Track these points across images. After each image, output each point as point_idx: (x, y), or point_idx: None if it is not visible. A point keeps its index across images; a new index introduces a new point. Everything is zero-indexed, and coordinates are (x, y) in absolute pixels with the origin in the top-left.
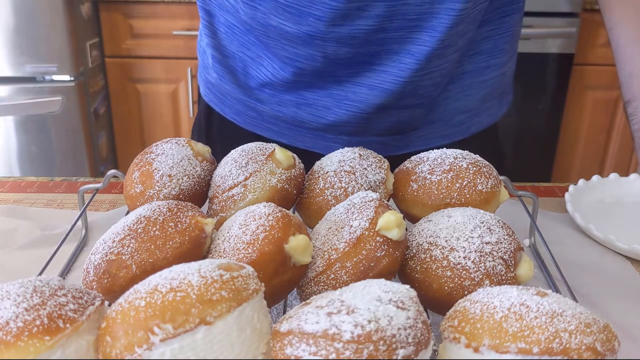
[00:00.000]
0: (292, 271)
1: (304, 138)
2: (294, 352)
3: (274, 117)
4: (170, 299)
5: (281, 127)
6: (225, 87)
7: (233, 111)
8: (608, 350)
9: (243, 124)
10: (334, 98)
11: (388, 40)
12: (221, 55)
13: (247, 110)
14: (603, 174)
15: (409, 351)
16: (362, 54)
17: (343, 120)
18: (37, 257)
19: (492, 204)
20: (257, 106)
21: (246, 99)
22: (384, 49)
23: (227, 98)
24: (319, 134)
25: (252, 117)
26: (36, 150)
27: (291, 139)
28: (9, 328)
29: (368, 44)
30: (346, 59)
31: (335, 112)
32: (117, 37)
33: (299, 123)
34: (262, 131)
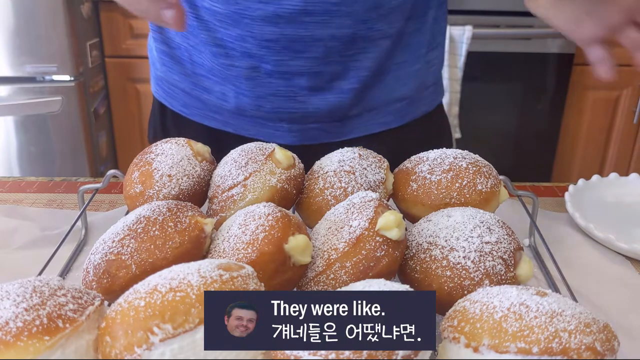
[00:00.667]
0: (292, 271)
1: (247, 126)
2: (293, 352)
3: (218, 107)
4: (169, 299)
5: (225, 116)
6: (173, 79)
7: (181, 103)
8: (608, 350)
9: (190, 115)
10: (266, 87)
11: (312, 24)
12: (168, 48)
13: (194, 102)
14: (603, 174)
15: (408, 351)
16: (287, 38)
17: (279, 107)
18: (37, 257)
19: (491, 203)
20: (202, 95)
21: (193, 89)
22: (308, 35)
23: (175, 91)
24: (260, 121)
25: (198, 107)
26: (36, 150)
27: (236, 128)
28: (9, 328)
29: (293, 25)
30: (273, 40)
31: (270, 99)
32: (117, 37)
33: (240, 111)
34: (208, 121)
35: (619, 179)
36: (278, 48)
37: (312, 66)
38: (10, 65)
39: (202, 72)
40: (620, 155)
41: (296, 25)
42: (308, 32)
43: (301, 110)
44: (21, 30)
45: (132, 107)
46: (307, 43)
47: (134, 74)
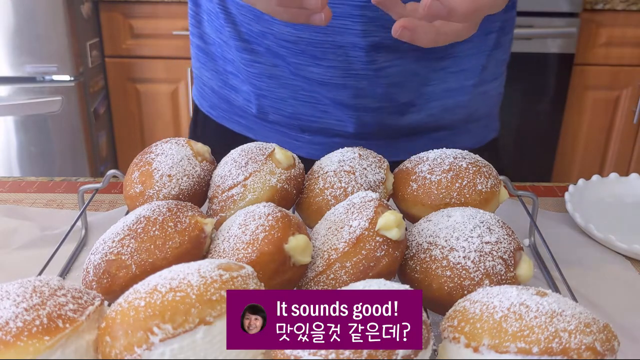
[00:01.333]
0: (292, 271)
1: (269, 133)
2: (293, 352)
3: (243, 110)
4: (169, 299)
5: (248, 121)
6: (205, 76)
7: (209, 104)
8: (608, 350)
9: (217, 117)
10: (288, 89)
11: (331, 29)
12: (204, 43)
13: (221, 103)
14: (603, 174)
15: (408, 351)
16: (305, 41)
17: (300, 113)
18: (36, 257)
19: (491, 203)
20: (229, 95)
21: (222, 87)
22: (327, 40)
23: (205, 90)
24: (281, 129)
25: (224, 109)
26: (36, 150)
27: (258, 134)
28: (9, 328)
29: (311, 28)
30: (291, 42)
31: (291, 102)
32: (117, 37)
33: (262, 115)
34: (232, 125)
35: (619, 179)
36: (297, 50)
37: (333, 77)
38: (10, 65)
39: (231, 70)
40: (620, 155)
41: (314, 28)
42: (327, 37)
43: (322, 121)
44: (21, 30)
45: (132, 107)
46: (326, 50)
47: (134, 74)
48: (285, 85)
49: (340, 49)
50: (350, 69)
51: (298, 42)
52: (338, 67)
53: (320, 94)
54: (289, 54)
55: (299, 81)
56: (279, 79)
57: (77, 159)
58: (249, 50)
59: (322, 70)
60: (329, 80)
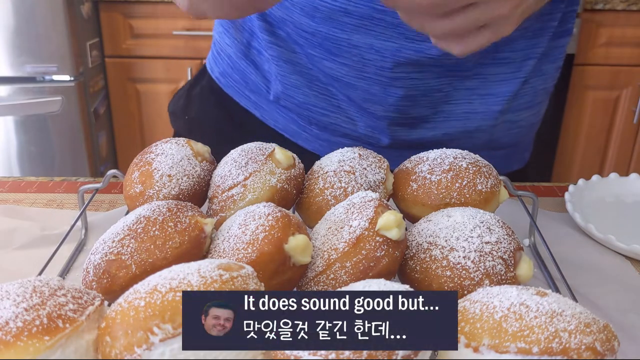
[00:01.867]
0: (292, 271)
1: (276, 115)
2: (293, 352)
3: (256, 87)
4: (169, 299)
5: (259, 99)
6: (225, 42)
7: (220, 71)
8: (608, 350)
9: (225, 86)
10: (304, 77)
11: (350, 27)
12: None
13: (233, 73)
14: (603, 173)
15: (408, 351)
16: (323, 35)
17: (311, 103)
18: (36, 257)
19: (491, 203)
20: (247, 69)
21: (241, 58)
22: (344, 38)
23: (221, 57)
24: (291, 115)
25: (236, 81)
26: (36, 150)
27: (264, 113)
28: (9, 328)
29: (330, 23)
30: (309, 33)
31: (305, 91)
32: (117, 37)
33: (274, 98)
34: (239, 98)
35: (619, 179)
36: (314, 43)
37: (345, 75)
38: (10, 65)
39: (256, 45)
40: (620, 155)
41: (333, 24)
42: (345, 34)
43: (334, 116)
44: (21, 30)
45: (132, 107)
46: (342, 48)
47: (134, 74)
48: (302, 73)
49: (355, 49)
50: (363, 71)
51: (315, 34)
52: (351, 67)
53: (335, 89)
54: (307, 45)
55: (315, 72)
56: (295, 65)
57: (77, 159)
58: (270, 32)
59: (336, 66)
60: (341, 77)
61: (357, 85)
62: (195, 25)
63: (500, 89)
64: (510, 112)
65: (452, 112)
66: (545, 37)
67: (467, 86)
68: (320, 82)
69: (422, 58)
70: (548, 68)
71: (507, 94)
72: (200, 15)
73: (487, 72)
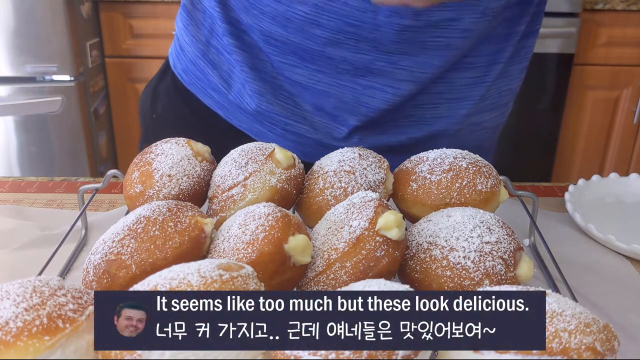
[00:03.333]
0: (292, 271)
1: (241, 116)
2: (293, 352)
3: (218, 87)
4: None
5: (223, 99)
6: (184, 40)
7: (183, 68)
8: (608, 350)
9: (188, 84)
10: (268, 85)
11: (322, 39)
12: (192, 6)
13: (195, 71)
14: (603, 173)
15: (408, 351)
16: (295, 45)
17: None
18: (36, 257)
19: (491, 203)
20: (206, 69)
21: (199, 57)
22: (317, 49)
23: (183, 54)
24: (255, 115)
25: (198, 79)
26: (36, 150)
27: (229, 114)
28: (9, 328)
29: (303, 34)
30: (280, 41)
31: (270, 99)
32: (117, 37)
33: (237, 102)
34: (204, 97)
35: (619, 179)
36: (286, 50)
37: (318, 82)
38: (10, 65)
39: (215, 44)
40: (620, 155)
41: (306, 36)
42: (317, 46)
43: (299, 125)
44: (21, 30)
45: (132, 107)
46: (316, 57)
47: (134, 74)
48: (265, 80)
49: (329, 59)
50: (337, 78)
51: (287, 43)
52: (325, 73)
53: (301, 98)
54: (275, 52)
55: (280, 80)
56: (260, 72)
57: (77, 159)
58: (235, 35)
59: (309, 72)
60: (312, 85)
61: (330, 93)
62: None
63: (467, 93)
64: (475, 115)
65: (420, 117)
66: (512, 41)
67: (434, 90)
68: (284, 91)
69: (396, 70)
70: (513, 69)
71: (474, 98)
72: None
73: (453, 76)
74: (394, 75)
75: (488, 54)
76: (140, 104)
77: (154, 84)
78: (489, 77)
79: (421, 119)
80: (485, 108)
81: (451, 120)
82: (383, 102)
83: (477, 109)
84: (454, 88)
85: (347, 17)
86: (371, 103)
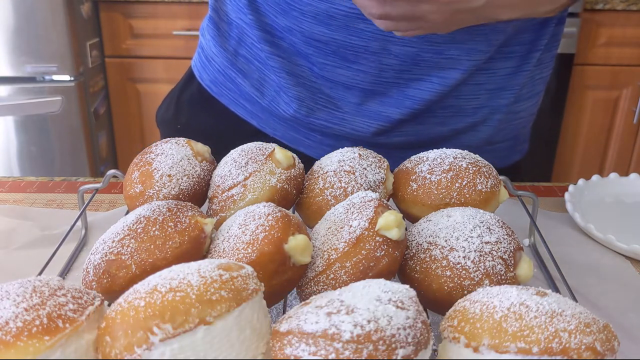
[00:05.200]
0: (292, 271)
1: (275, 124)
2: (293, 352)
3: (251, 97)
4: (169, 299)
5: (256, 108)
6: (211, 51)
7: (211, 79)
8: (608, 350)
9: (218, 95)
10: (306, 89)
11: (368, 34)
12: (218, 17)
13: (226, 82)
14: (603, 173)
15: (408, 351)
16: (338, 43)
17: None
18: (36, 257)
19: (491, 203)
20: (236, 79)
21: (228, 68)
22: (362, 45)
23: (211, 65)
24: (290, 123)
25: (229, 89)
26: (36, 150)
27: (263, 124)
28: (9, 328)
29: (346, 30)
30: (322, 42)
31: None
32: (117, 37)
33: (273, 109)
34: (235, 107)
35: (619, 179)
36: (327, 51)
37: (362, 81)
38: (10, 65)
39: (244, 53)
40: (620, 155)
41: (350, 32)
42: (362, 41)
43: (337, 128)
44: (21, 30)
45: (132, 107)
46: (359, 54)
47: (134, 74)
48: (304, 85)
49: (373, 55)
50: (381, 76)
51: (329, 43)
52: (368, 73)
53: (342, 101)
54: (317, 54)
55: (319, 84)
56: (298, 77)
57: (77, 159)
58: (270, 42)
59: (352, 73)
60: (356, 85)
61: (375, 90)
62: (196, 25)
63: (507, 83)
64: (514, 104)
65: (461, 108)
66: (548, 28)
67: (476, 81)
68: (323, 95)
69: (442, 60)
70: (546, 56)
71: (515, 87)
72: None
73: (495, 66)
74: (441, 65)
75: (527, 43)
76: (161, 115)
77: (177, 94)
78: (527, 65)
79: (462, 110)
80: (523, 97)
81: (492, 110)
82: (429, 93)
83: (516, 98)
84: (494, 78)
85: None
86: (417, 95)
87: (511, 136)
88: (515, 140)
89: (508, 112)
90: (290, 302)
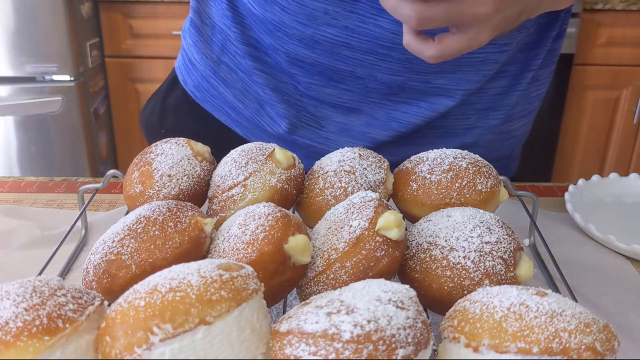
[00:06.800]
0: (292, 271)
1: (262, 136)
2: (293, 352)
3: (235, 106)
4: (169, 299)
5: (241, 118)
6: (194, 57)
7: (194, 84)
8: (608, 350)
9: (201, 100)
10: (291, 106)
11: (353, 60)
12: (200, 21)
13: (210, 89)
14: (603, 173)
15: (408, 351)
16: (323, 66)
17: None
18: (36, 257)
19: (491, 203)
20: (218, 88)
21: (210, 76)
22: (347, 70)
23: (195, 70)
24: (274, 137)
25: (214, 96)
26: (36, 150)
27: (248, 133)
28: (9, 328)
29: (331, 56)
30: (308, 63)
31: (293, 122)
32: (117, 37)
33: (257, 122)
34: (219, 114)
35: (619, 179)
36: (313, 71)
37: (349, 100)
38: (10, 65)
39: (227, 61)
40: (620, 155)
41: (335, 57)
42: (348, 67)
43: (323, 145)
44: (21, 30)
45: (132, 107)
46: (346, 77)
47: (134, 74)
48: (289, 102)
49: (359, 79)
50: (368, 96)
51: (315, 65)
52: (355, 92)
53: (326, 120)
54: (302, 74)
55: (304, 102)
56: (283, 94)
57: (77, 159)
58: (254, 57)
59: (338, 92)
60: (342, 103)
61: (361, 110)
62: None
63: (498, 103)
64: (505, 124)
65: (450, 128)
66: (544, 47)
67: (465, 101)
68: (308, 113)
69: (430, 88)
70: (543, 73)
71: (506, 107)
72: None
73: (485, 87)
74: (429, 92)
75: (520, 62)
76: (145, 118)
77: (161, 97)
78: (520, 85)
79: (451, 130)
80: (515, 116)
81: (482, 131)
82: (417, 118)
83: (508, 117)
84: (485, 98)
85: (379, 39)
86: (403, 118)
87: (504, 156)
88: (507, 160)
89: (500, 132)
90: (290, 302)
